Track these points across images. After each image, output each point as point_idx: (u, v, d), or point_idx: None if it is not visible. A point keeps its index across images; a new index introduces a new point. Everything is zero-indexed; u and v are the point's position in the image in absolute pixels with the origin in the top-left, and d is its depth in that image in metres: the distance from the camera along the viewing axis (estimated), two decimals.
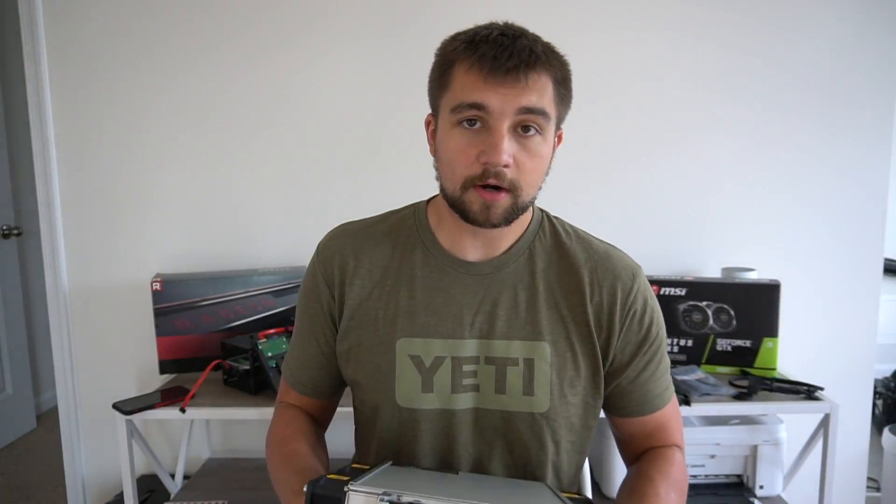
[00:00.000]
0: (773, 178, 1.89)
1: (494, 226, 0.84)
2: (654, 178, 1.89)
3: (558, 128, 0.88)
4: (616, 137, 1.88)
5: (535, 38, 0.83)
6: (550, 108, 0.82)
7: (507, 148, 0.79)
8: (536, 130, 0.81)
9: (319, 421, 1.02)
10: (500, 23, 0.84)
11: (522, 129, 0.81)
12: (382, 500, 0.69)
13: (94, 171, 1.90)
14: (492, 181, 0.80)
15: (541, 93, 0.80)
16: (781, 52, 1.84)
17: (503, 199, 0.82)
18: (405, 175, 1.82)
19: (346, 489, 0.70)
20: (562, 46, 0.85)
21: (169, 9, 1.84)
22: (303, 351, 0.98)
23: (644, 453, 0.95)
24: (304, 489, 0.72)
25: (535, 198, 0.87)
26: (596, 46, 1.83)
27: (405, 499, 0.69)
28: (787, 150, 1.88)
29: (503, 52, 0.78)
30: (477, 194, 0.82)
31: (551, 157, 0.87)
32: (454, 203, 0.85)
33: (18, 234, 2.86)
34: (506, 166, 0.80)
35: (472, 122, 0.81)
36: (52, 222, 1.90)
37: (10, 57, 2.93)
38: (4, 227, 2.81)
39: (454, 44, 0.83)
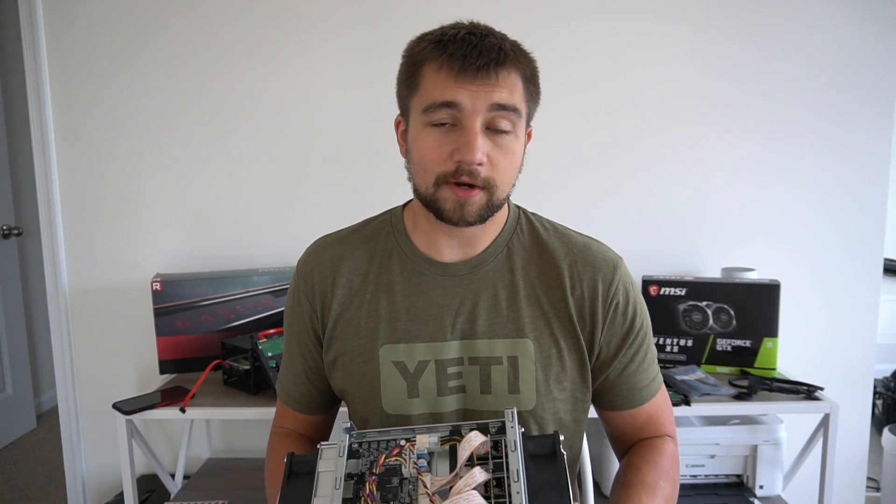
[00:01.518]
0: (773, 177, 1.89)
1: (469, 224, 0.84)
2: (653, 178, 1.89)
3: (528, 125, 0.88)
4: (615, 137, 1.87)
5: (503, 37, 0.83)
6: (521, 104, 0.83)
7: (482, 146, 0.80)
8: (508, 130, 0.82)
9: (316, 441, 1.03)
10: (466, 22, 0.85)
11: (495, 128, 0.81)
12: (346, 431, 0.75)
13: (94, 171, 1.90)
14: (465, 179, 0.80)
15: (511, 89, 0.81)
16: (781, 51, 1.84)
17: (477, 197, 0.82)
18: (405, 173, 1.82)
19: (318, 446, 0.75)
20: (560, 43, 0.86)
21: (170, 11, 1.84)
22: (292, 368, 0.99)
23: (633, 445, 0.96)
24: (285, 459, 0.75)
25: (509, 195, 0.87)
26: (595, 44, 1.83)
27: (368, 437, 0.75)
28: (787, 149, 1.88)
29: (472, 51, 0.79)
30: (450, 191, 0.82)
31: (523, 154, 0.87)
32: (427, 202, 0.85)
33: (18, 234, 2.86)
34: (480, 164, 0.80)
35: (442, 122, 0.81)
36: (52, 222, 1.90)
37: (10, 57, 2.93)
38: (4, 227, 2.81)
39: (422, 44, 0.84)
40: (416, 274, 0.91)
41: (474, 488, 0.64)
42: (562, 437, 0.73)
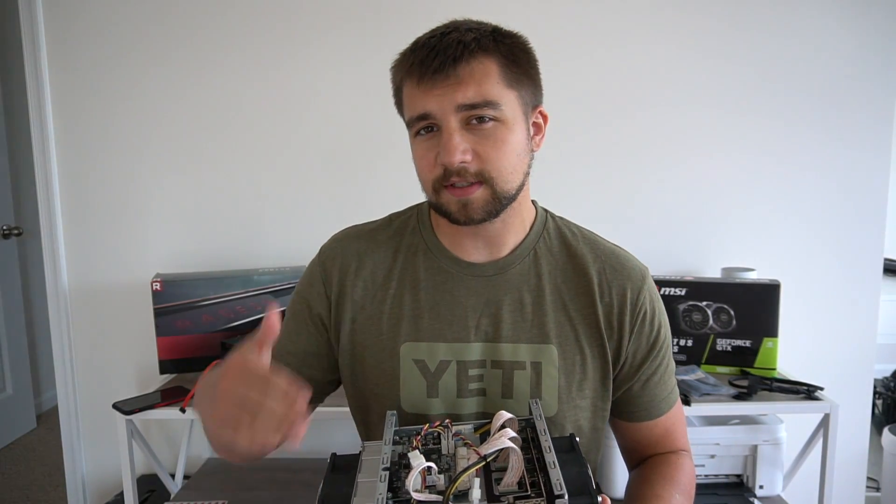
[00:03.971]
0: (773, 177, 1.89)
1: (479, 221, 0.82)
2: (654, 178, 1.89)
3: (534, 107, 0.85)
4: (617, 137, 1.87)
5: (470, 28, 0.80)
6: (498, 93, 0.79)
7: (459, 144, 0.78)
8: (491, 118, 0.79)
9: None
10: (448, 21, 0.83)
11: (477, 119, 0.79)
12: (391, 414, 0.79)
13: (94, 170, 1.90)
14: (454, 180, 0.79)
15: (480, 81, 0.78)
16: (781, 52, 1.84)
17: (478, 192, 0.80)
18: (406, 175, 1.81)
19: (362, 444, 0.78)
20: (561, 43, 0.84)
21: (171, 11, 1.84)
22: (279, 347, 0.92)
23: (647, 459, 0.95)
24: (329, 458, 0.77)
25: (519, 185, 0.84)
26: (596, 43, 1.83)
27: (406, 431, 0.78)
28: (787, 149, 1.88)
29: (430, 54, 0.78)
30: (450, 194, 0.81)
31: (530, 139, 0.85)
32: (435, 208, 0.85)
33: (18, 234, 2.86)
34: (463, 163, 0.78)
35: (428, 128, 0.81)
36: (52, 222, 1.90)
37: (10, 57, 2.93)
38: (4, 227, 2.81)
39: (398, 58, 0.84)
40: (442, 272, 0.90)
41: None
42: (578, 439, 0.74)
